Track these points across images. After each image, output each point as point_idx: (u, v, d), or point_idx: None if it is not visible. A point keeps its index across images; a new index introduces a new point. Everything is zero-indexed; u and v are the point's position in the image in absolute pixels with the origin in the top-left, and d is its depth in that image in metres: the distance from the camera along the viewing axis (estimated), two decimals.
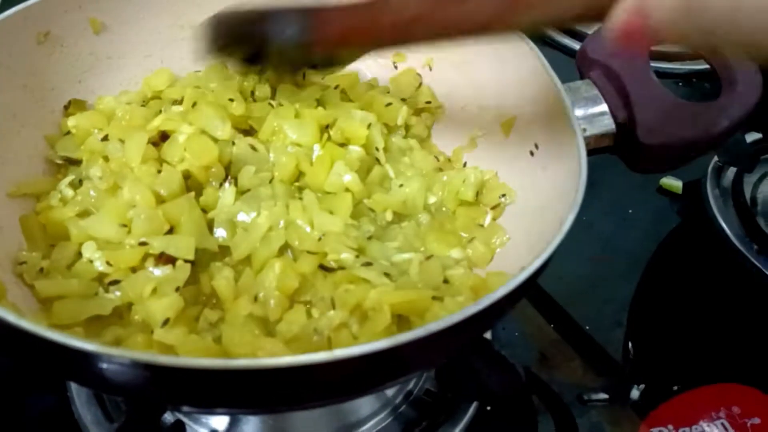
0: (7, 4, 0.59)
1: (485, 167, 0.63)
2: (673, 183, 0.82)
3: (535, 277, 0.44)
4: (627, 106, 0.55)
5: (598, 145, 0.56)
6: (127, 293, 0.49)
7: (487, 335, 0.64)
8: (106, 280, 0.50)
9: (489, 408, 0.60)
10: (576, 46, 1.01)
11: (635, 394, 0.61)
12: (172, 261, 0.51)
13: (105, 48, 0.66)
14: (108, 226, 0.52)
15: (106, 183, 0.56)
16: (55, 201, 0.57)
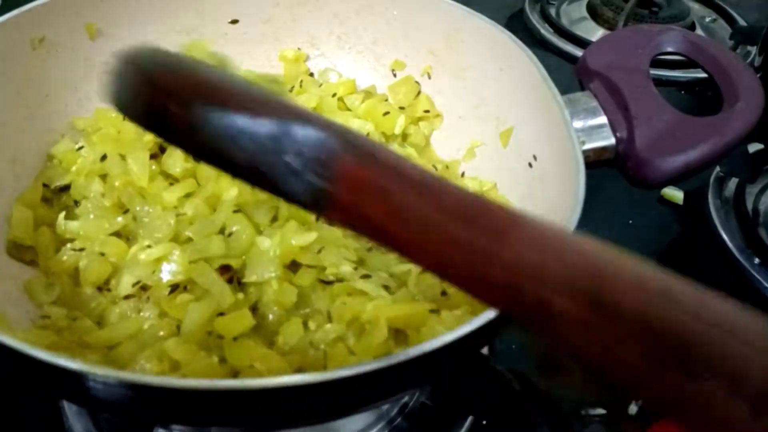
0: (6, 7, 0.59)
1: (484, 177, 0.63)
2: (674, 193, 0.81)
3: None
4: (627, 119, 0.54)
5: (597, 158, 0.55)
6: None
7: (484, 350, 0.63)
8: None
9: (485, 422, 0.60)
10: (577, 52, 1.00)
11: (633, 409, 0.61)
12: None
13: (100, 54, 0.65)
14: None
15: (109, 200, 0.55)
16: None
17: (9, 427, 0.58)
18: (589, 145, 0.55)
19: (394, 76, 0.71)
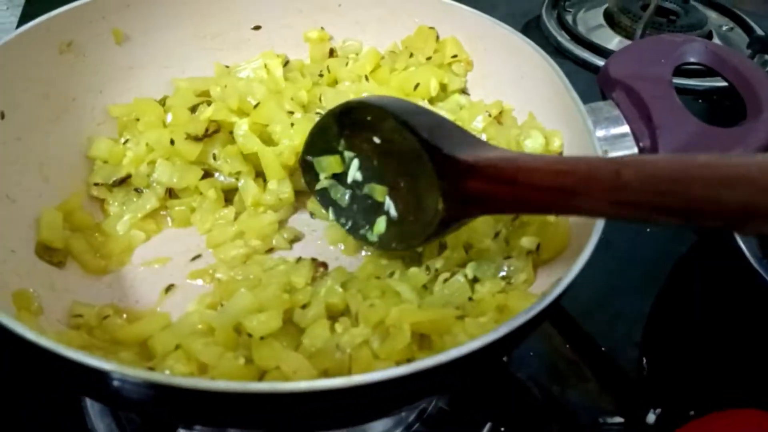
0: (34, 12, 0.59)
1: None
2: None
3: (557, 302, 0.43)
4: (650, 129, 0.54)
5: None
6: None
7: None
8: None
9: (503, 429, 0.60)
10: (593, 60, 1.00)
11: (651, 418, 0.61)
12: None
13: (126, 58, 0.66)
14: None
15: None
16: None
17: (32, 427, 0.59)
18: (612, 154, 0.55)
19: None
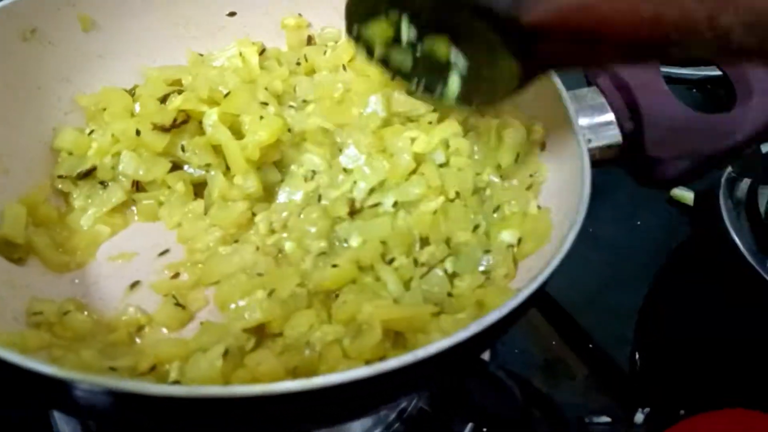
0: None
1: None
2: (684, 194, 0.79)
3: (533, 299, 0.41)
4: (635, 116, 0.52)
5: (603, 157, 0.53)
6: None
7: (484, 355, 0.62)
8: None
9: (485, 429, 0.58)
10: None
11: (639, 417, 0.59)
12: None
13: (95, 46, 0.63)
14: None
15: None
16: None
17: None
18: (596, 143, 0.53)
19: None
